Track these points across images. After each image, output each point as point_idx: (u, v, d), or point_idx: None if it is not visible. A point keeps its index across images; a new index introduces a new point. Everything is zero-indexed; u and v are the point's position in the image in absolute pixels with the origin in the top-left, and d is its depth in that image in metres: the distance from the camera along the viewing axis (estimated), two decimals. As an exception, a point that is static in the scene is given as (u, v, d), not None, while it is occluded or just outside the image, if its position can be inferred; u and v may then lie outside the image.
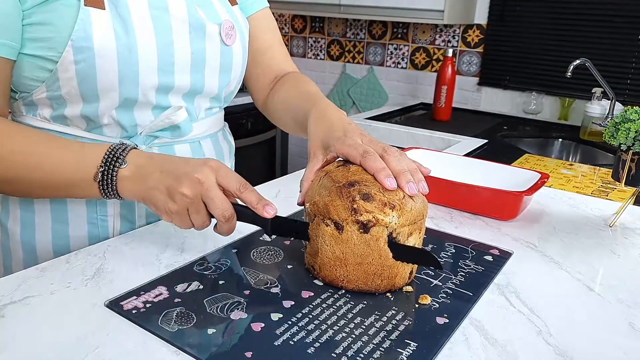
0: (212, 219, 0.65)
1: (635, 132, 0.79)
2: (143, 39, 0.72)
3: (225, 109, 0.94)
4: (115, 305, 0.56)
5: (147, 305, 0.57)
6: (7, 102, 0.71)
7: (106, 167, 0.66)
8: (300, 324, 0.54)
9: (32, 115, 0.74)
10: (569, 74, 1.76)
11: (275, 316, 0.56)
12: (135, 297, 0.58)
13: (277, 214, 0.64)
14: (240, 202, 0.66)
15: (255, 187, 0.96)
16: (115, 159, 0.66)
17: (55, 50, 0.67)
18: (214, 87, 0.83)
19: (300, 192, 0.67)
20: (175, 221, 0.65)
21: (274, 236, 0.72)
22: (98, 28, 0.68)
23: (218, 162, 0.66)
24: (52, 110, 0.73)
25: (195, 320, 0.54)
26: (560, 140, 1.99)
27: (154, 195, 0.64)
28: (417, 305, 0.59)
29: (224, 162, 0.93)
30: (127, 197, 0.67)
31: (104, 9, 0.69)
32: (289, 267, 0.67)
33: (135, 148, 0.69)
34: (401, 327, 0.55)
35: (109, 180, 0.66)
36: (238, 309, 0.57)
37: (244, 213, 0.65)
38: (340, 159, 0.67)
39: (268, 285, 0.62)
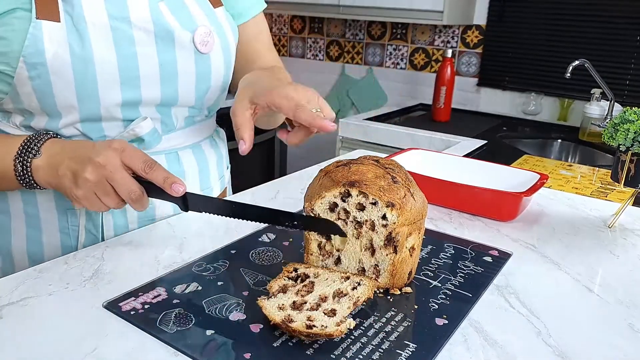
0: None
1: (634, 133, 0.79)
2: (101, 52, 0.68)
3: (224, 109, 0.92)
4: (113, 306, 0.56)
5: (146, 307, 0.56)
6: None
7: (21, 159, 0.66)
8: (299, 325, 0.54)
9: (6, 122, 0.74)
10: (568, 74, 1.77)
11: (274, 317, 0.55)
12: (133, 298, 0.58)
13: (187, 191, 0.64)
14: None
15: (253, 188, 0.96)
16: (29, 150, 0.66)
17: (9, 66, 0.66)
18: (189, 97, 0.79)
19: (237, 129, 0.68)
20: (86, 206, 0.65)
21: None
22: (51, 43, 0.65)
23: (123, 142, 0.65)
24: (24, 119, 0.73)
25: (193, 321, 0.54)
26: (559, 141, 1.99)
27: (63, 182, 0.65)
28: (416, 307, 0.59)
29: (209, 172, 0.88)
30: (44, 186, 0.68)
31: (59, 22, 0.66)
32: (288, 268, 0.67)
33: (54, 137, 0.68)
34: (400, 329, 0.54)
35: (25, 171, 0.66)
36: (237, 310, 0.57)
37: (157, 190, 0.64)
38: (340, 158, 0.66)
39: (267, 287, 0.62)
